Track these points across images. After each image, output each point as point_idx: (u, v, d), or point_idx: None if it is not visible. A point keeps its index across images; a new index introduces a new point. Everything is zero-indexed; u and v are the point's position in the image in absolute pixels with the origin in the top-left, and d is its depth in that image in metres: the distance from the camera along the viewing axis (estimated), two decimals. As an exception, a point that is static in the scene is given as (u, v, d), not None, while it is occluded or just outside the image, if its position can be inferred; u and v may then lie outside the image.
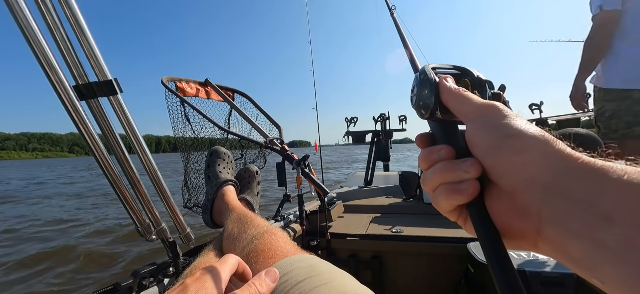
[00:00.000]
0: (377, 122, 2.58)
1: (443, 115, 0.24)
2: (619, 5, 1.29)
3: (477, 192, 0.21)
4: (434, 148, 0.24)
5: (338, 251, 1.30)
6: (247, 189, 1.03)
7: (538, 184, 0.18)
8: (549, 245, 0.18)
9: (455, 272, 1.10)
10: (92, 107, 0.55)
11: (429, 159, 0.23)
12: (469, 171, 0.21)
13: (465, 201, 0.21)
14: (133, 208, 0.63)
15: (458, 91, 0.23)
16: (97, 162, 0.57)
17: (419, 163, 0.25)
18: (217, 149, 1.06)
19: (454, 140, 0.24)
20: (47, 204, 6.83)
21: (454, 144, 0.23)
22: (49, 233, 4.07)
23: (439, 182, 0.22)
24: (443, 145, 0.23)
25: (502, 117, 0.21)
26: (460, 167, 0.21)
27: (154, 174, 0.65)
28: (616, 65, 1.35)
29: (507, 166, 0.20)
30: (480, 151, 0.21)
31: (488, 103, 0.22)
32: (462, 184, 0.21)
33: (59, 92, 0.48)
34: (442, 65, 0.27)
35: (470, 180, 0.21)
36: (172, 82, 1.22)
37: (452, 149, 0.23)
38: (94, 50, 0.51)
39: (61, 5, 0.50)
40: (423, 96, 0.25)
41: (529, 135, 0.19)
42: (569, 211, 0.17)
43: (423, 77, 0.25)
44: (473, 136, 0.22)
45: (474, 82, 0.26)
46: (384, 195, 1.94)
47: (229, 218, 0.75)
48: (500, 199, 0.21)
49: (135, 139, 0.61)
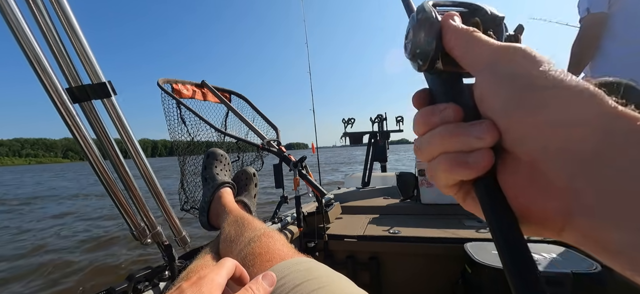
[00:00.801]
0: (374, 123, 2.58)
1: (445, 65, 0.19)
2: (605, 7, 1.33)
3: (490, 165, 0.17)
4: (436, 107, 0.19)
5: (335, 253, 1.30)
6: (244, 191, 1.03)
7: (577, 152, 0.14)
8: (578, 232, 0.15)
9: (453, 272, 1.10)
10: (86, 110, 0.54)
11: (429, 121, 0.19)
12: (482, 136, 0.16)
13: (474, 175, 0.17)
14: (128, 212, 0.63)
15: (467, 31, 0.18)
16: (91, 166, 0.56)
17: (413, 127, 0.20)
18: (214, 150, 1.05)
19: (460, 97, 0.19)
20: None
21: (461, 101, 0.18)
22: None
23: (440, 151, 0.18)
24: (448, 103, 0.18)
25: (529, 64, 0.16)
26: (471, 133, 0.17)
27: (148, 177, 0.65)
28: (605, 66, 1.39)
29: (532, 127, 0.15)
30: (497, 109, 0.16)
31: (508, 45, 0.17)
32: (472, 154, 0.17)
33: (51, 95, 0.48)
34: (444, 1, 0.21)
35: (483, 149, 0.17)
36: (168, 83, 1.22)
37: (460, 108, 0.18)
38: (87, 52, 0.51)
39: (53, 6, 0.49)
40: (420, 40, 0.19)
41: (567, 86, 0.14)
42: (618, 192, 0.13)
43: (421, 16, 0.20)
44: (487, 90, 0.17)
45: (487, 21, 0.20)
46: (382, 196, 1.95)
47: (225, 220, 0.74)
48: (518, 173, 0.16)
49: (130, 142, 0.61)
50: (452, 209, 1.48)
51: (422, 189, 1.58)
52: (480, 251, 0.94)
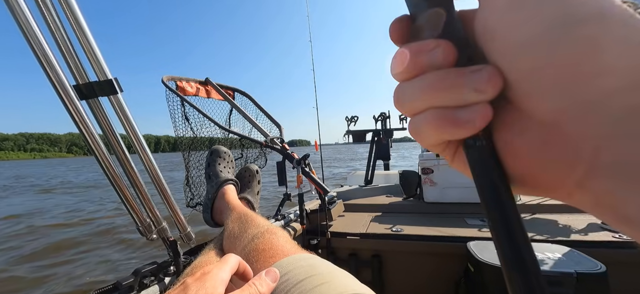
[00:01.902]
0: (377, 121, 2.58)
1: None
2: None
3: (487, 123, 0.13)
4: (423, 45, 0.14)
5: (338, 250, 1.30)
6: (247, 188, 1.03)
7: (617, 104, 0.11)
8: (592, 196, 0.13)
9: (455, 271, 1.10)
10: (92, 107, 0.55)
11: (415, 63, 0.14)
12: (482, 88, 0.13)
13: (466, 135, 0.14)
14: (133, 207, 0.64)
15: None
16: (98, 162, 0.57)
17: (392, 69, 0.15)
18: (218, 148, 1.06)
19: (452, 30, 0.14)
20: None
21: (454, 36, 0.14)
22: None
23: (427, 104, 0.14)
24: (438, 39, 0.14)
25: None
26: (468, 82, 0.13)
27: (154, 173, 0.65)
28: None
29: (564, 76, 0.11)
30: (510, 48, 0.13)
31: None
32: (466, 110, 0.13)
33: (59, 91, 0.48)
34: None
35: (480, 104, 0.13)
36: (172, 81, 1.22)
37: (454, 46, 0.14)
38: (94, 49, 0.51)
39: (61, 4, 0.50)
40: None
41: (613, 17, 0.11)
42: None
43: None
44: (497, 21, 0.13)
45: None
46: (384, 194, 1.95)
47: (229, 217, 0.75)
48: (524, 131, 0.13)
49: (136, 138, 0.61)
50: (455, 208, 1.47)
51: (425, 187, 1.58)
52: (483, 249, 0.94)
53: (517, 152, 0.14)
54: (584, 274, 0.75)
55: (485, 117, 0.13)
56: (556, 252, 0.87)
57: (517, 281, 0.13)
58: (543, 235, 1.09)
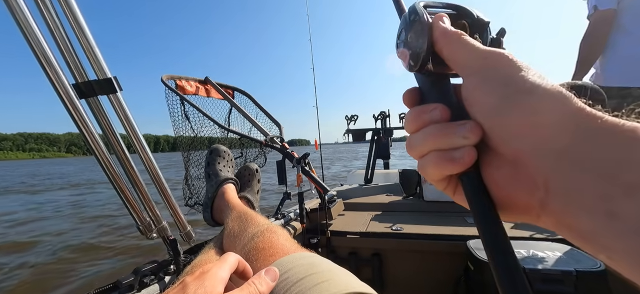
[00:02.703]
0: (377, 120, 2.58)
1: (435, 66, 0.20)
2: (614, 4, 1.31)
3: (473, 161, 0.18)
4: (426, 107, 0.20)
5: (338, 249, 1.30)
6: (247, 187, 1.03)
7: (550, 149, 0.16)
8: (553, 218, 0.17)
9: (455, 269, 1.11)
10: (92, 106, 0.55)
11: (419, 120, 0.20)
12: (467, 136, 0.18)
13: (459, 170, 0.19)
14: (133, 206, 0.64)
15: (455, 34, 0.19)
16: (98, 161, 0.57)
17: (405, 125, 0.21)
18: (217, 147, 1.06)
19: (447, 97, 0.20)
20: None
21: (448, 102, 0.20)
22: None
23: (429, 149, 0.20)
24: (437, 104, 0.20)
25: (513, 69, 0.17)
26: (457, 132, 0.18)
27: (154, 172, 0.65)
28: (616, 62, 1.37)
29: (515, 128, 0.17)
30: (482, 110, 0.18)
31: (494, 51, 0.18)
32: (457, 151, 0.18)
33: (58, 90, 0.48)
34: (434, 3, 0.21)
35: (467, 147, 0.18)
36: (172, 80, 1.22)
37: (447, 108, 0.19)
38: (93, 48, 0.51)
39: (60, 3, 0.50)
40: (412, 41, 0.20)
41: (546, 90, 0.16)
42: (586, 180, 0.15)
43: (413, 17, 0.20)
44: (473, 93, 0.19)
45: (474, 24, 0.21)
46: (384, 193, 1.95)
47: (229, 216, 0.75)
48: (500, 167, 0.18)
49: (135, 137, 0.61)
50: (455, 206, 1.47)
51: (425, 186, 1.58)
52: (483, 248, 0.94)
53: (496, 183, 0.19)
54: (583, 272, 0.76)
55: (471, 156, 0.18)
56: (556, 250, 0.87)
57: (506, 285, 0.17)
58: (543, 234, 1.09)
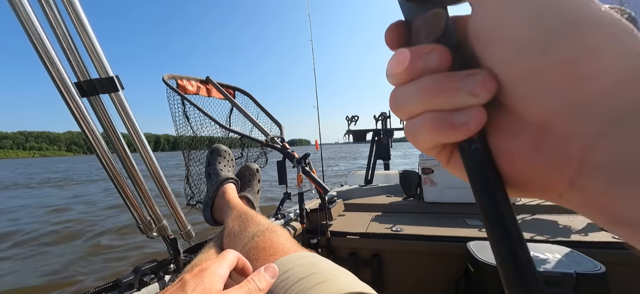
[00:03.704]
0: (377, 121, 2.58)
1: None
2: (616, 4, 1.31)
3: (482, 126, 0.14)
4: (418, 49, 0.14)
5: (338, 249, 1.30)
6: (247, 186, 1.03)
7: (604, 106, 0.11)
8: (584, 197, 0.13)
9: (455, 271, 1.10)
10: (94, 104, 0.55)
11: (410, 68, 0.14)
12: (477, 92, 0.13)
13: (462, 138, 0.14)
14: (134, 205, 0.64)
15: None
16: (99, 159, 0.57)
17: (388, 73, 0.15)
18: (218, 146, 1.06)
19: (446, 34, 0.14)
20: None
21: (448, 42, 0.14)
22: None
23: (422, 108, 0.14)
24: (434, 44, 0.14)
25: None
26: (463, 87, 0.13)
27: (155, 171, 0.66)
28: None
29: (554, 78, 0.12)
30: (504, 52, 0.13)
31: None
32: (461, 113, 0.14)
33: (60, 89, 0.48)
34: None
35: (475, 107, 0.13)
36: (173, 79, 1.22)
37: (448, 51, 0.14)
38: (95, 46, 0.52)
39: (62, 1, 0.50)
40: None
41: (601, 21, 0.11)
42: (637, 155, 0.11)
43: None
44: (491, 25, 0.13)
45: None
46: (384, 194, 1.95)
47: (229, 215, 0.75)
48: (518, 134, 0.14)
49: (137, 136, 0.61)
50: (455, 208, 1.47)
51: (425, 187, 1.58)
52: (483, 250, 0.94)
53: (510, 155, 0.14)
54: (583, 274, 0.75)
55: (479, 120, 0.13)
56: (556, 252, 0.87)
57: (513, 280, 0.13)
58: (543, 235, 1.09)
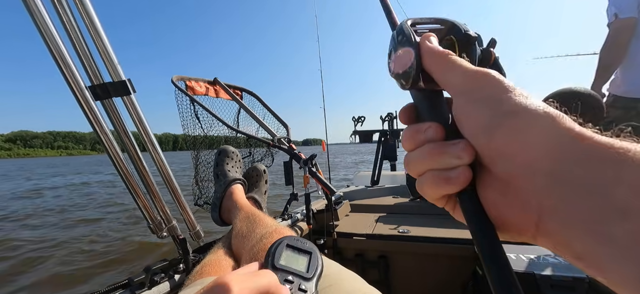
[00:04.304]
0: (384, 122, 2.56)
1: (426, 83, 0.20)
2: (634, 12, 1.27)
3: (469, 180, 0.18)
4: (420, 126, 0.20)
5: (344, 250, 1.30)
6: (254, 187, 1.04)
7: (540, 170, 0.16)
8: (549, 239, 0.16)
9: (463, 273, 1.09)
10: (106, 107, 0.57)
11: (415, 139, 0.20)
12: (460, 156, 0.18)
13: (455, 190, 0.19)
14: (145, 205, 0.65)
15: (442, 54, 0.20)
16: (111, 161, 0.58)
17: (402, 143, 0.21)
18: (226, 147, 1.07)
19: (441, 115, 0.20)
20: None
21: (442, 119, 0.20)
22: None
23: (425, 168, 0.20)
24: (430, 122, 0.20)
25: (498, 90, 0.17)
26: (450, 152, 0.18)
27: (165, 172, 0.67)
28: (630, 73, 1.33)
29: (504, 149, 0.17)
30: (471, 131, 0.18)
31: (479, 71, 0.18)
32: (452, 171, 0.18)
33: (75, 92, 0.50)
34: (422, 19, 0.22)
35: (461, 167, 0.18)
36: (182, 81, 1.24)
37: (441, 127, 0.19)
38: (109, 51, 0.53)
39: (77, 7, 0.51)
40: (401, 60, 0.21)
41: (531, 111, 0.16)
42: (577, 202, 0.14)
43: (401, 38, 0.21)
44: (462, 113, 0.19)
45: (461, 40, 0.22)
46: (391, 194, 1.93)
47: (237, 216, 0.76)
48: (493, 187, 0.18)
49: (147, 137, 0.63)
50: None
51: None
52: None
53: (491, 203, 0.18)
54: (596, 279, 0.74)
55: (466, 176, 0.18)
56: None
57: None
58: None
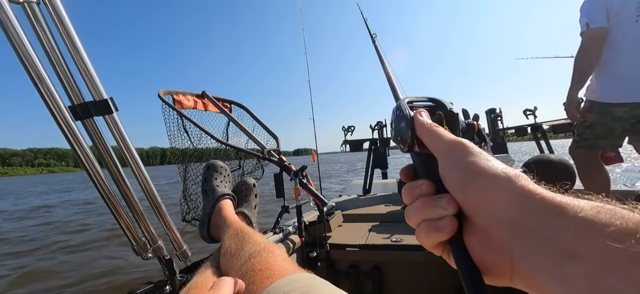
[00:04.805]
0: (374, 131, 2.58)
1: (420, 149, 0.25)
2: (604, 22, 1.35)
3: (455, 229, 0.21)
4: (415, 183, 0.24)
5: (338, 262, 1.29)
6: (244, 202, 1.02)
7: (505, 221, 0.19)
8: (523, 281, 0.19)
9: (456, 281, 1.09)
10: (88, 126, 0.55)
11: (412, 194, 0.24)
12: (446, 207, 0.21)
13: (444, 238, 0.21)
14: (128, 226, 0.63)
15: (430, 126, 0.24)
16: (92, 181, 0.56)
17: (402, 197, 0.25)
18: (214, 162, 1.05)
19: (432, 173, 0.24)
20: None
21: (434, 178, 0.24)
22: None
23: (420, 218, 0.23)
24: (423, 180, 0.24)
25: (467, 155, 0.21)
26: (438, 204, 0.22)
27: (149, 190, 0.65)
28: (603, 79, 1.41)
29: (476, 203, 0.20)
30: (452, 187, 0.22)
31: (455, 140, 0.23)
32: (441, 221, 0.21)
33: (53, 112, 0.48)
34: (417, 99, 0.28)
35: (448, 217, 0.21)
36: (169, 95, 1.22)
37: (432, 183, 0.23)
38: (89, 69, 0.51)
39: (56, 25, 0.50)
40: (400, 130, 0.26)
41: (492, 173, 0.20)
42: (536, 248, 0.17)
43: (399, 112, 0.26)
44: (445, 173, 0.22)
45: (447, 115, 0.27)
46: (383, 203, 1.94)
47: (226, 233, 0.74)
48: (475, 235, 0.21)
49: (130, 155, 0.61)
50: None
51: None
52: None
53: (474, 249, 0.21)
54: None
55: (452, 225, 0.21)
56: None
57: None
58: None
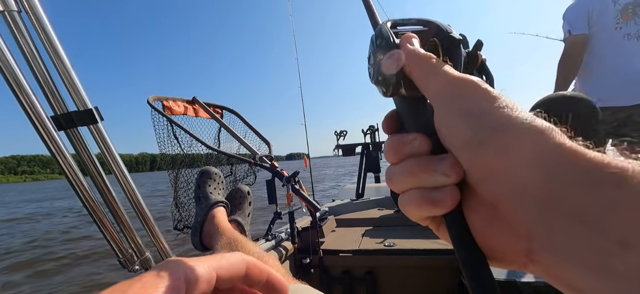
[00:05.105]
0: (366, 135, 2.59)
1: (409, 90, 0.18)
2: (585, 29, 1.41)
3: (457, 202, 0.16)
4: (404, 137, 0.18)
5: (331, 268, 1.28)
6: (237, 209, 1.01)
7: (529, 193, 0.14)
8: (541, 268, 0.15)
9: (450, 284, 1.10)
10: (71, 137, 0.53)
11: (399, 152, 0.18)
12: (449, 174, 0.16)
13: (441, 212, 0.17)
14: (113, 237, 0.61)
15: (425, 57, 0.17)
16: (76, 193, 0.54)
17: (384, 154, 0.19)
18: (208, 169, 1.04)
19: (427, 125, 0.18)
20: None
21: (428, 130, 0.17)
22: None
23: (410, 185, 0.17)
24: (416, 134, 0.17)
25: (483, 100, 0.15)
26: (437, 168, 0.16)
27: (135, 200, 0.63)
28: (586, 84, 1.47)
29: (489, 169, 0.15)
30: (456, 146, 0.16)
31: (463, 78, 0.16)
32: (439, 191, 0.16)
33: (35, 123, 0.46)
34: (404, 20, 0.20)
35: (448, 186, 0.16)
36: (159, 101, 1.20)
37: (428, 139, 0.17)
38: (73, 78, 0.50)
39: (37, 32, 0.48)
40: (381, 65, 0.18)
41: (516, 125, 0.14)
42: (570, 232, 0.13)
43: (379, 41, 0.19)
44: (444, 124, 0.16)
45: (445, 41, 0.19)
46: (376, 207, 1.94)
47: (218, 242, 0.73)
48: (480, 210, 0.16)
49: (116, 165, 0.59)
50: None
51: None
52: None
53: (477, 227, 0.16)
54: None
55: (454, 198, 0.16)
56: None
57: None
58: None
